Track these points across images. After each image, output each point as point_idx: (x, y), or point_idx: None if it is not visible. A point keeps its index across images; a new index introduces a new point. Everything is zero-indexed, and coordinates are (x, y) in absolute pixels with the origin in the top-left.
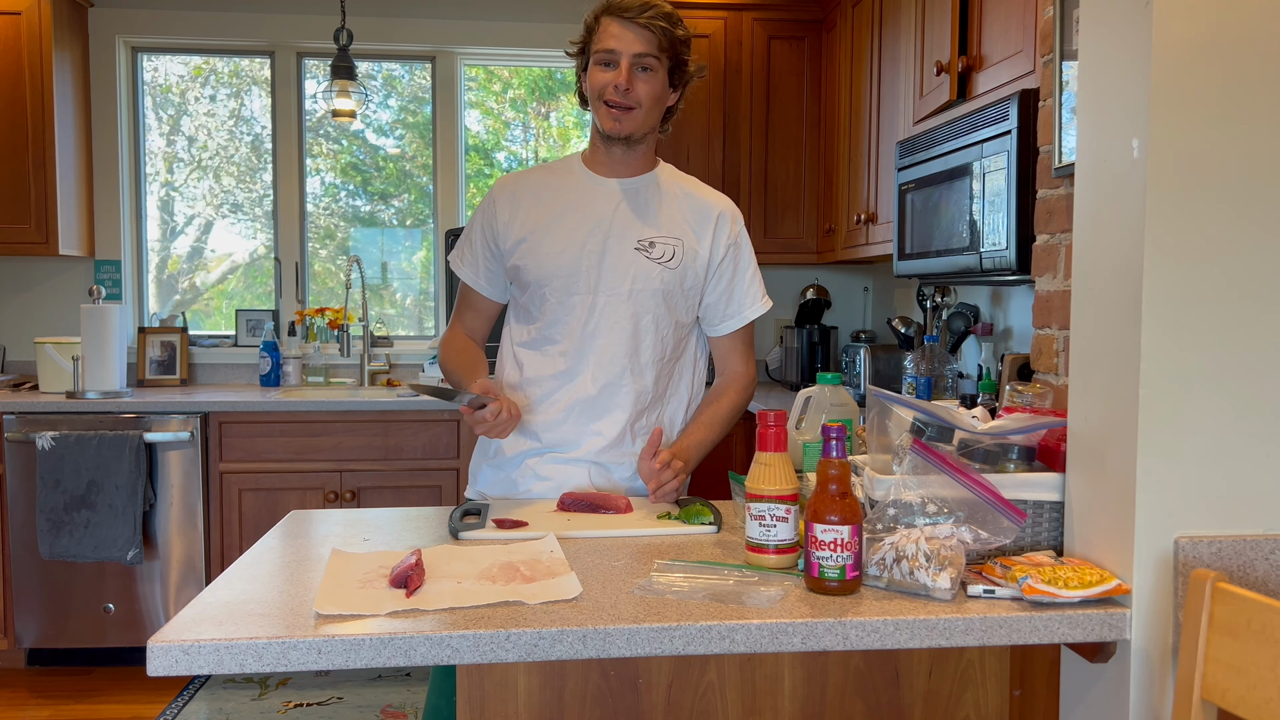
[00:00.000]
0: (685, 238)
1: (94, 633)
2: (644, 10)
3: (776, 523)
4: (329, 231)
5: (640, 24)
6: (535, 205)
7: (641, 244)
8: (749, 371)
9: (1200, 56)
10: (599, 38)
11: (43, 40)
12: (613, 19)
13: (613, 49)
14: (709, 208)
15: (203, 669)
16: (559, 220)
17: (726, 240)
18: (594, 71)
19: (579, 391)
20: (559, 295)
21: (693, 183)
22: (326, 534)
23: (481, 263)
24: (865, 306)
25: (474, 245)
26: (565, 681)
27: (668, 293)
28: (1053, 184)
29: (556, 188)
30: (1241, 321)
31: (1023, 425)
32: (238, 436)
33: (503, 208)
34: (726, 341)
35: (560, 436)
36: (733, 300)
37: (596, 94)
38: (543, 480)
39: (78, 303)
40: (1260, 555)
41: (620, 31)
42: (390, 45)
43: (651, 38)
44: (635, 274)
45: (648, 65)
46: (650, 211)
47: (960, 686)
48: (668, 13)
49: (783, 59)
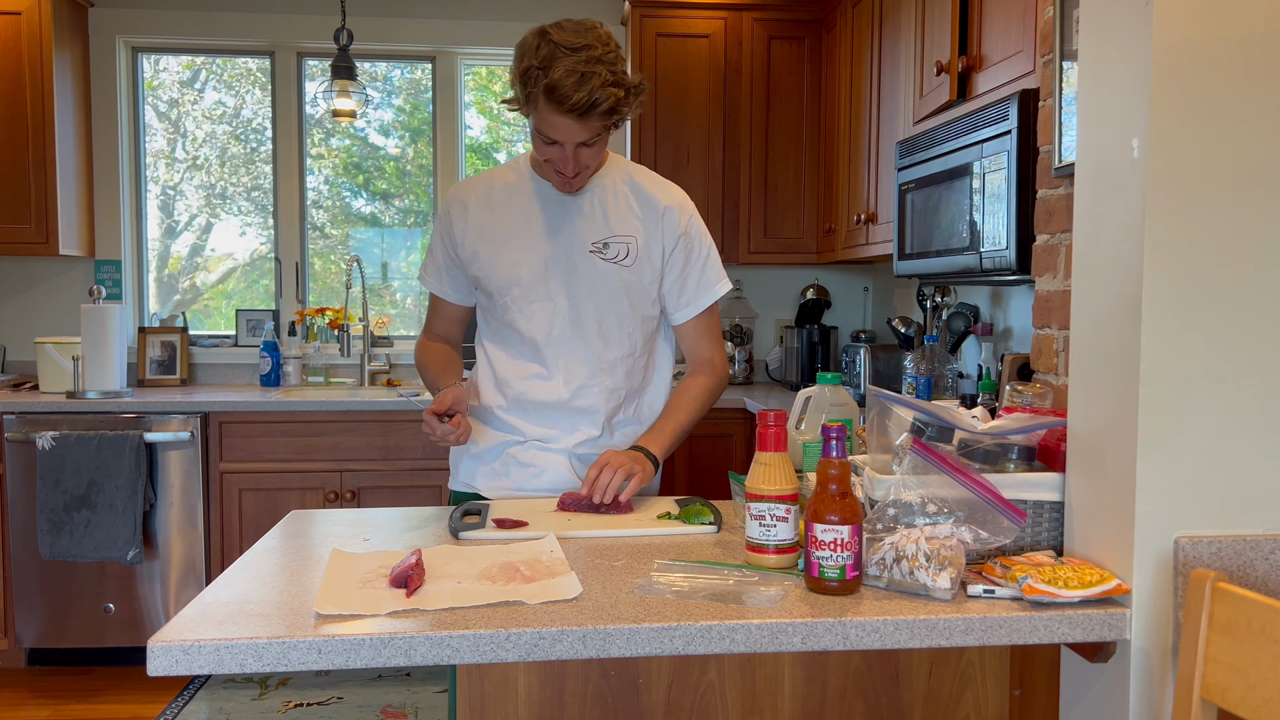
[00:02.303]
0: (637, 234)
1: (94, 633)
2: (590, 107)
3: (776, 523)
4: (329, 231)
5: (585, 121)
6: (487, 216)
7: (596, 246)
8: (717, 357)
9: (1200, 56)
10: (540, 118)
11: (43, 40)
12: (554, 112)
13: (556, 139)
14: (656, 203)
15: (203, 669)
16: (512, 230)
17: (675, 232)
18: (537, 137)
19: (553, 394)
20: (520, 303)
21: (642, 175)
22: (326, 534)
23: (445, 273)
24: (865, 306)
25: (436, 257)
26: (565, 681)
27: (628, 290)
28: (1053, 184)
29: (506, 196)
30: (1241, 321)
31: (1023, 425)
32: (238, 436)
33: (456, 219)
34: (689, 329)
35: (539, 434)
36: (686, 289)
37: (540, 157)
38: (525, 466)
39: (78, 303)
40: (1260, 555)
41: (564, 125)
42: (390, 45)
43: (596, 125)
44: (593, 277)
45: (592, 142)
46: (601, 212)
47: (960, 686)
48: (610, 99)
49: (783, 59)
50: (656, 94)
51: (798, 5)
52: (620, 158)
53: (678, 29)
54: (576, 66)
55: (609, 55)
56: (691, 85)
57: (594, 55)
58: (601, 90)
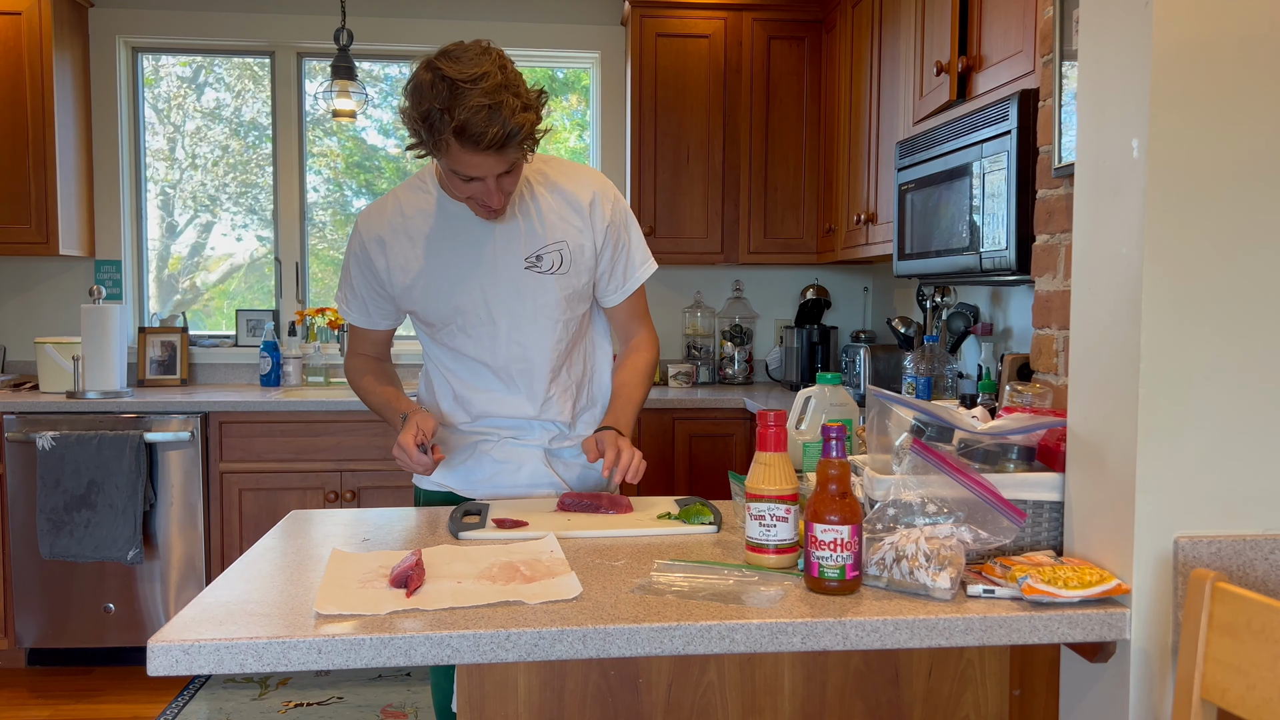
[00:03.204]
0: (568, 237)
1: (94, 633)
2: (504, 140)
3: (776, 523)
4: (329, 232)
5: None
6: (409, 248)
7: (530, 260)
8: (649, 331)
9: (1200, 56)
10: (453, 158)
11: (43, 40)
12: (466, 150)
13: (473, 176)
14: (578, 199)
15: (203, 669)
16: (439, 260)
17: (603, 224)
18: (452, 176)
19: (519, 409)
20: (464, 329)
21: (558, 170)
22: (326, 534)
23: (370, 304)
24: (865, 306)
25: (357, 291)
26: (565, 681)
27: (568, 297)
28: (1053, 184)
29: (423, 222)
30: (1241, 321)
31: (1022, 425)
32: (238, 436)
33: (375, 255)
34: (622, 310)
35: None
36: (616, 274)
37: (463, 196)
38: (501, 463)
39: (78, 303)
40: (1260, 555)
41: (481, 161)
42: (390, 45)
43: (514, 154)
44: (531, 292)
45: (512, 169)
46: (527, 223)
47: (960, 686)
48: (523, 124)
49: (783, 59)
50: (656, 94)
51: (798, 5)
52: (537, 159)
53: (677, 29)
54: (482, 100)
55: (510, 78)
56: (691, 85)
57: (496, 83)
58: (513, 119)
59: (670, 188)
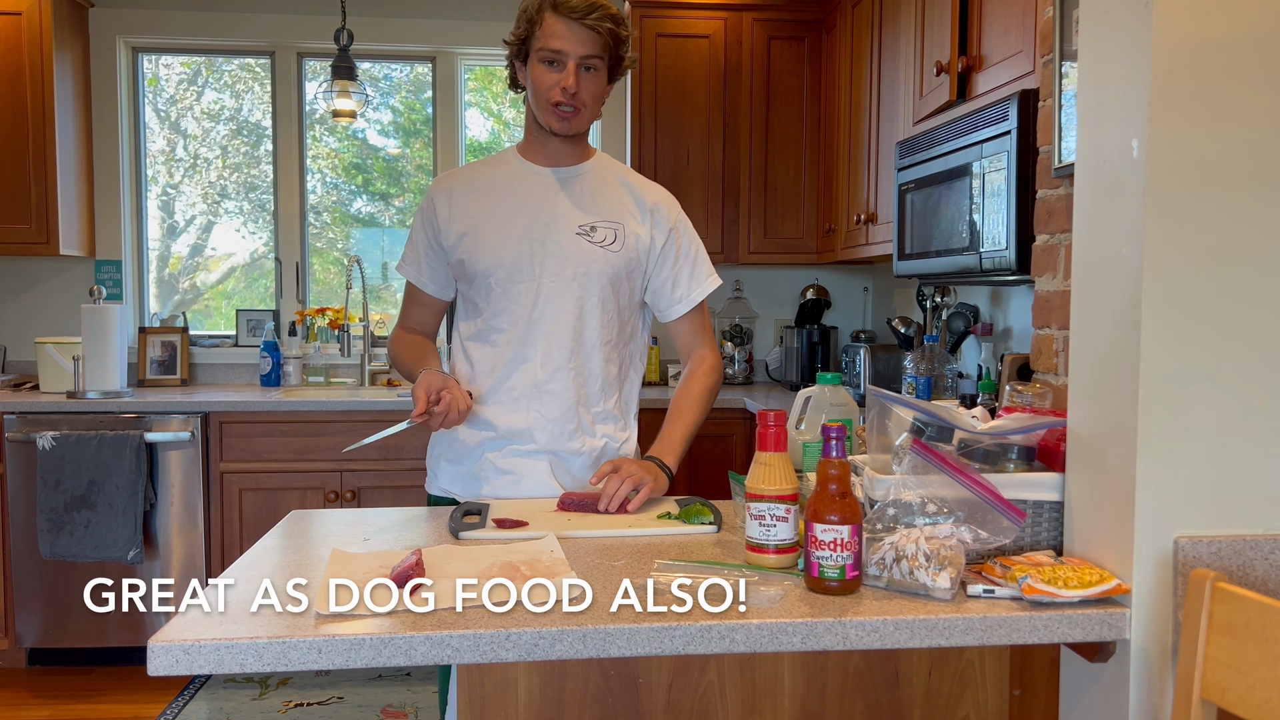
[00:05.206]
0: (626, 221)
1: (94, 633)
2: (591, 10)
3: (776, 522)
4: (329, 231)
5: (588, 25)
6: (472, 199)
7: (583, 229)
8: (712, 352)
9: (1200, 56)
10: (542, 34)
11: (43, 40)
12: (559, 18)
13: (560, 49)
14: (646, 197)
15: (203, 669)
16: (497, 211)
17: (667, 226)
18: (538, 69)
19: (528, 376)
20: (503, 284)
21: (629, 174)
22: (326, 534)
23: (424, 261)
24: (865, 306)
25: (417, 246)
26: (565, 681)
27: (613, 276)
28: (1053, 184)
29: (492, 180)
30: (1241, 322)
31: (1022, 425)
32: (238, 436)
33: (440, 205)
34: (683, 326)
35: (513, 424)
36: (679, 284)
37: (542, 93)
38: (503, 474)
39: (78, 303)
40: (1260, 555)
41: (567, 32)
42: (390, 45)
43: (598, 39)
44: (578, 258)
45: (592, 65)
46: (589, 198)
47: (960, 686)
48: (614, 14)
49: (783, 59)
50: (656, 94)
51: (798, 5)
52: (608, 156)
53: (678, 29)
54: None
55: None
56: (691, 85)
57: None
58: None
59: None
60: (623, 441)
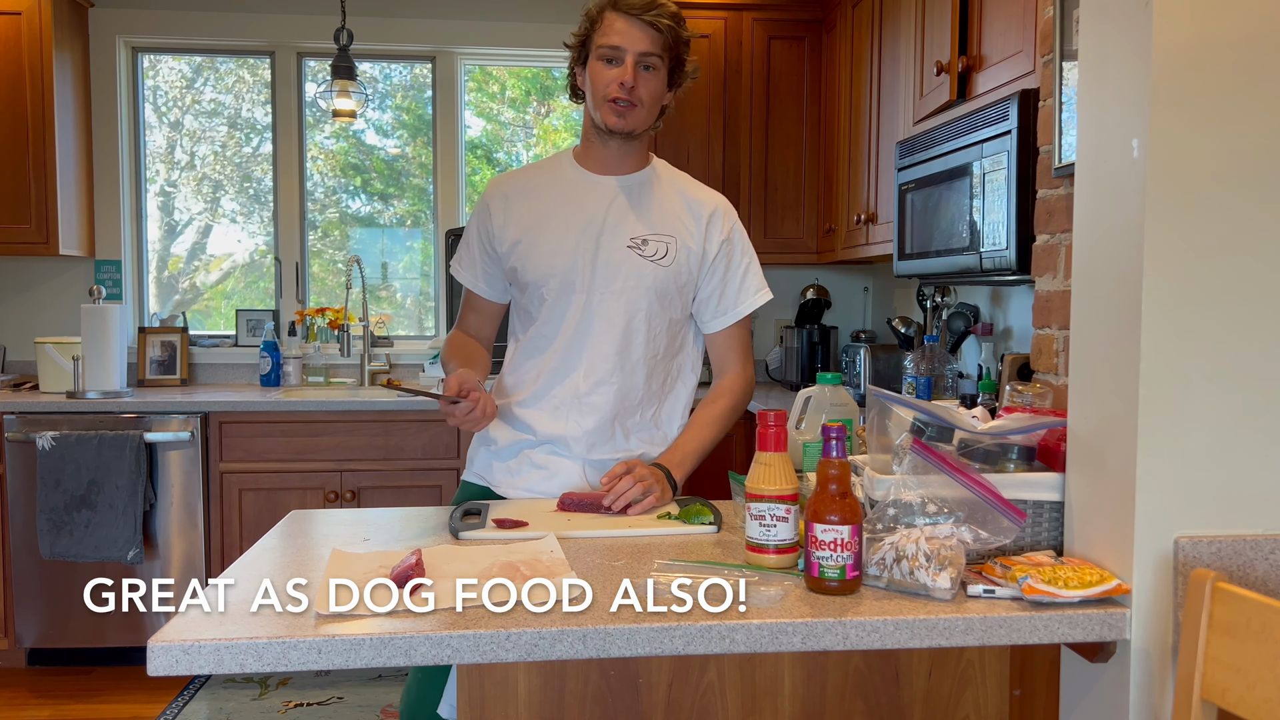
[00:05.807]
0: (679, 234)
1: (94, 633)
2: (651, 8)
3: (776, 523)
4: (329, 232)
5: (647, 21)
6: (528, 206)
7: (634, 241)
8: (746, 373)
9: (1200, 56)
10: (602, 32)
11: (43, 40)
12: (619, 15)
13: (618, 45)
14: (702, 205)
15: (203, 669)
16: (552, 219)
17: (720, 237)
18: (597, 67)
19: (570, 388)
20: (555, 294)
21: (687, 180)
22: (326, 534)
23: (480, 266)
24: (865, 306)
25: (471, 249)
26: (565, 681)
27: (661, 291)
28: (1053, 184)
29: (548, 187)
30: (1241, 321)
31: (1023, 425)
32: (238, 436)
33: (496, 210)
34: (722, 339)
35: (551, 431)
36: (725, 296)
37: (600, 91)
38: (539, 469)
39: (78, 303)
40: (1260, 555)
41: (626, 28)
42: (390, 45)
43: (658, 37)
44: (627, 272)
45: (651, 64)
46: (644, 208)
47: (960, 686)
48: (674, 12)
49: (783, 59)
50: None
51: (798, 5)
52: (666, 163)
53: None
54: None
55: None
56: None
57: None
58: (666, 8)
59: None
60: (659, 452)
